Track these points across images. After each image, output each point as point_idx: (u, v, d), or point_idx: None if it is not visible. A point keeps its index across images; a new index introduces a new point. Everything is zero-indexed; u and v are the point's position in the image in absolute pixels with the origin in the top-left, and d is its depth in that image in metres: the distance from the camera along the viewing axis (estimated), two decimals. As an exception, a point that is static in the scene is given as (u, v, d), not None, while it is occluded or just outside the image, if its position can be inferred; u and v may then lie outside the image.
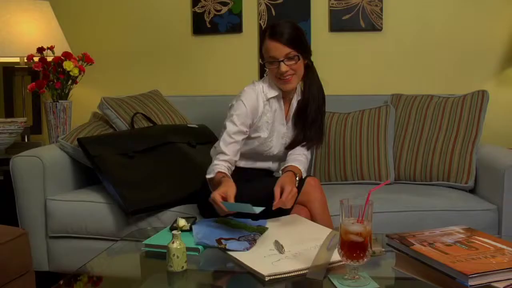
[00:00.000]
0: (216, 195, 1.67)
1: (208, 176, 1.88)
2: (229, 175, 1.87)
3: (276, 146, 2.06)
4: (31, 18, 2.83)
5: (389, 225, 2.03)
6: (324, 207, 1.93)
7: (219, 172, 1.85)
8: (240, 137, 1.95)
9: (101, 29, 3.20)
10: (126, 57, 3.19)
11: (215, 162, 1.90)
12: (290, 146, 2.09)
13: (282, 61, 1.91)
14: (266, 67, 1.98)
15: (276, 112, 2.04)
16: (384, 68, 2.98)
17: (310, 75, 2.05)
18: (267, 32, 1.94)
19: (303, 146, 2.10)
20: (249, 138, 2.01)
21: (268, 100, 2.01)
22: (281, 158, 2.14)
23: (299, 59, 1.94)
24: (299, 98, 2.07)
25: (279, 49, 1.90)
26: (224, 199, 1.67)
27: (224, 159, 1.90)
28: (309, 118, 2.05)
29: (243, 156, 2.05)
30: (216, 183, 1.83)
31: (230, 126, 1.94)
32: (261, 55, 2.03)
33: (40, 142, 3.01)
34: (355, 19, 2.94)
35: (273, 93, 2.01)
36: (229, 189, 1.70)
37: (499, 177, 2.15)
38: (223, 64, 3.10)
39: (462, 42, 2.91)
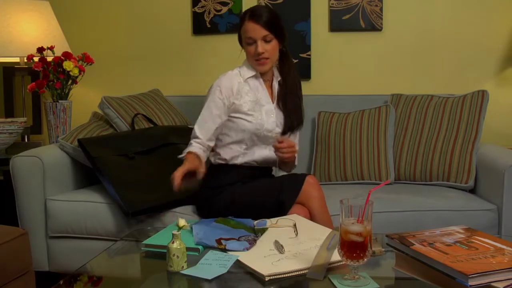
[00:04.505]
0: (178, 174, 1.78)
1: (179, 156, 1.96)
2: (201, 155, 1.95)
3: (268, 122, 2.09)
4: (31, 18, 2.83)
5: (389, 225, 2.03)
6: (323, 204, 1.94)
7: (189, 152, 1.94)
8: (216, 122, 2.03)
9: (101, 29, 3.20)
10: (126, 57, 3.19)
11: (189, 143, 1.99)
12: (283, 132, 2.14)
13: (259, 41, 2.00)
14: (244, 48, 2.09)
15: (259, 90, 2.11)
16: (384, 68, 2.98)
17: (286, 61, 2.14)
18: (247, 14, 2.04)
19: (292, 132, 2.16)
20: (240, 119, 2.06)
21: (246, 80, 2.09)
22: None
23: (275, 43, 2.03)
24: (279, 79, 2.15)
25: (257, 30, 2.00)
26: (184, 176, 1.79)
27: (197, 142, 1.99)
28: (291, 104, 2.13)
29: (241, 144, 2.08)
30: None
31: (205, 111, 2.04)
32: (239, 39, 2.11)
33: (40, 142, 3.00)
34: (355, 19, 2.94)
35: (250, 73, 2.10)
36: (188, 164, 1.82)
37: (499, 177, 2.15)
38: (223, 64, 3.07)
39: (462, 42, 2.91)
